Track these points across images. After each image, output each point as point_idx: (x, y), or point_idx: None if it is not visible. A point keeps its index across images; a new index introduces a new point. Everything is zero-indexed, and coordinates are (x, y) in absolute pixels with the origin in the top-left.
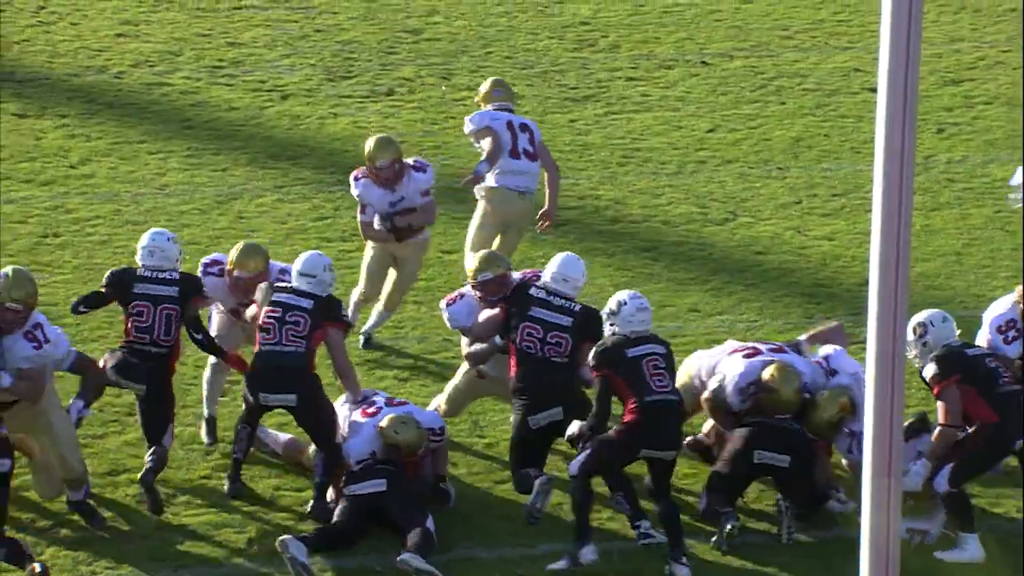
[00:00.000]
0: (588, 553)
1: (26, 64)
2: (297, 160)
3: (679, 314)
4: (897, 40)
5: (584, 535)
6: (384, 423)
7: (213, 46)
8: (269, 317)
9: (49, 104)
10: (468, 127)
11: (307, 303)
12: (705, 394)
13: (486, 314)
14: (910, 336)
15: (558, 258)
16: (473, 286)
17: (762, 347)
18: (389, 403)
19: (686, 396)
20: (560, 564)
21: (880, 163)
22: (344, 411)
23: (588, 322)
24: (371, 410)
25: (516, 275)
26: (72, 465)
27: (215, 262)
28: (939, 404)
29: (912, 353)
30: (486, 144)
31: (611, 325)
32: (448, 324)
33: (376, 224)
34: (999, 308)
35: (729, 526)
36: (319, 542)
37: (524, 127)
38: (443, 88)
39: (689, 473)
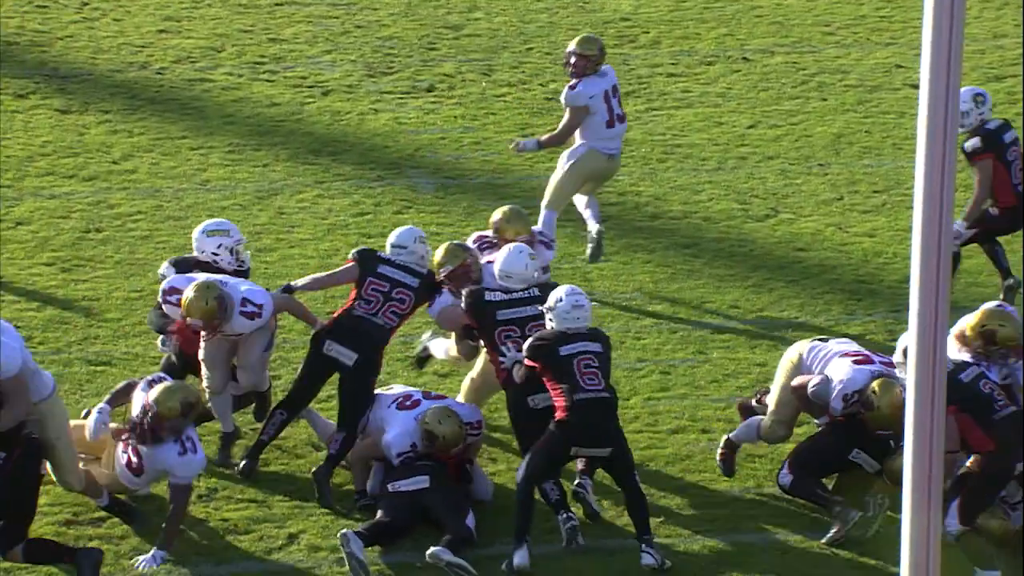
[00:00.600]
0: (520, 557)
1: (69, 60)
2: (337, 156)
3: (720, 311)
4: (939, 36)
5: (521, 538)
6: (427, 416)
7: (255, 42)
8: (375, 290)
9: (92, 100)
10: (569, 97)
11: (413, 281)
12: (808, 388)
13: (454, 313)
14: (899, 358)
15: (500, 256)
16: (439, 280)
17: (874, 357)
18: (427, 396)
19: (785, 379)
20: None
21: (922, 160)
22: (383, 405)
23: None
24: (409, 403)
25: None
26: (74, 486)
27: (174, 290)
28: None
29: (903, 374)
30: (566, 119)
31: (549, 320)
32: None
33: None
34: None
35: (853, 516)
36: (372, 538)
37: (615, 89)
38: (483, 84)
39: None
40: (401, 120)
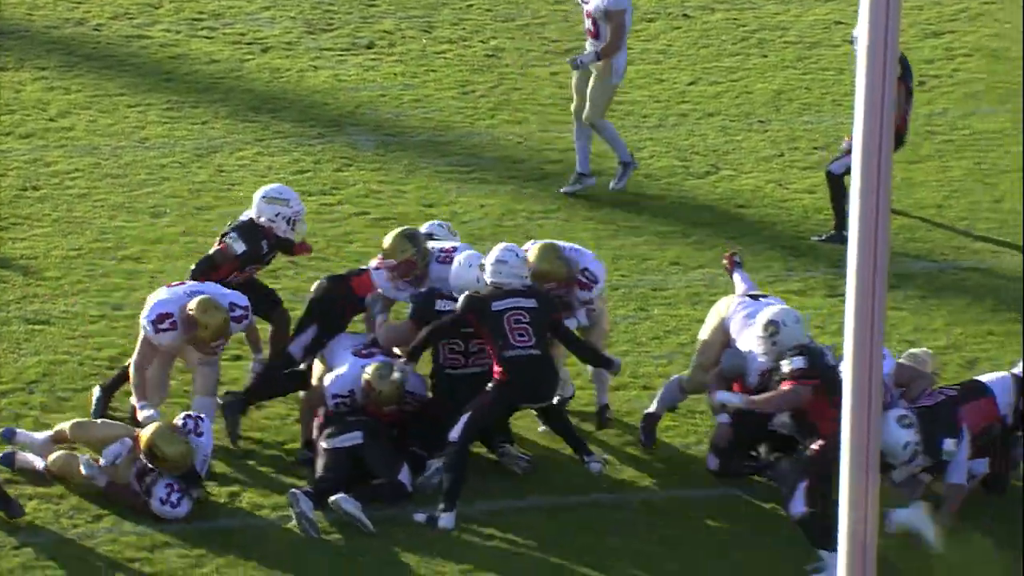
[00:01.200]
0: (447, 520)
1: (5, 16)
2: (277, 113)
3: (661, 267)
4: None
5: (451, 501)
6: (372, 368)
7: None
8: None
9: (28, 57)
10: (612, 3)
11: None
12: (721, 365)
13: (399, 328)
14: (760, 333)
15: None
16: (381, 266)
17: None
18: (387, 354)
19: (709, 349)
20: (419, 516)
21: (860, 116)
22: (343, 345)
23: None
24: (365, 352)
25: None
26: None
27: (164, 316)
28: (769, 395)
29: (760, 350)
30: (614, 26)
31: (485, 276)
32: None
33: None
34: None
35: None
36: (319, 497)
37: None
38: (424, 41)
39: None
40: (341, 77)
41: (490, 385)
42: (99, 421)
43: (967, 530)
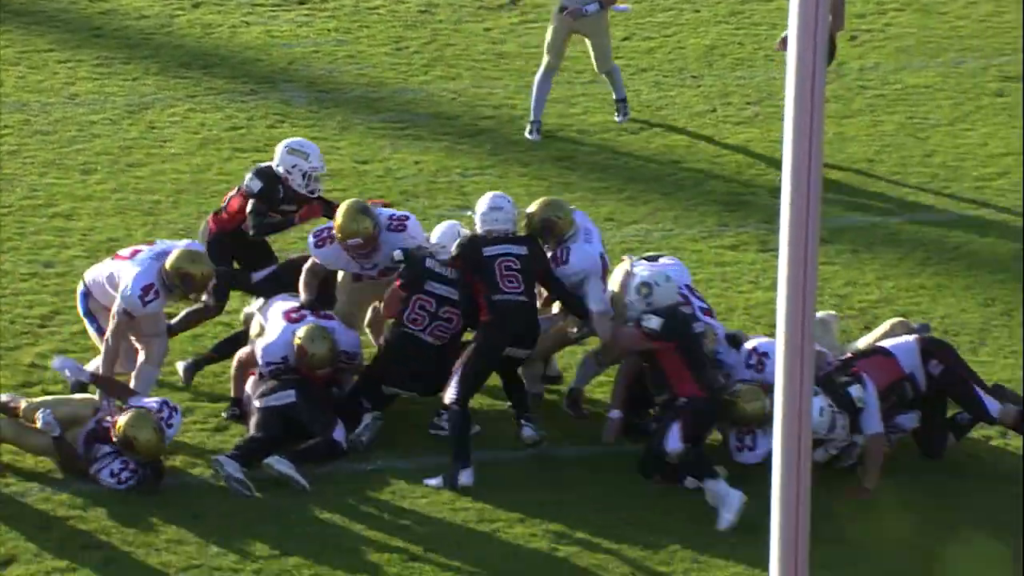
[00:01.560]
0: (465, 477)
1: None
2: (209, 69)
3: (595, 223)
4: None
5: (462, 459)
6: (302, 331)
7: None
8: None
9: None
10: None
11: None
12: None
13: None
14: (634, 295)
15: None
16: (347, 247)
17: (692, 299)
18: (316, 314)
19: (617, 287)
20: (435, 481)
21: (792, 71)
22: (278, 309)
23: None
24: (296, 316)
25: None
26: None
27: (149, 288)
28: (617, 334)
29: (638, 309)
30: None
31: (475, 225)
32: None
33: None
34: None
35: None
36: (246, 456)
37: None
38: None
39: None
40: (273, 33)
41: (477, 335)
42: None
43: (962, 527)
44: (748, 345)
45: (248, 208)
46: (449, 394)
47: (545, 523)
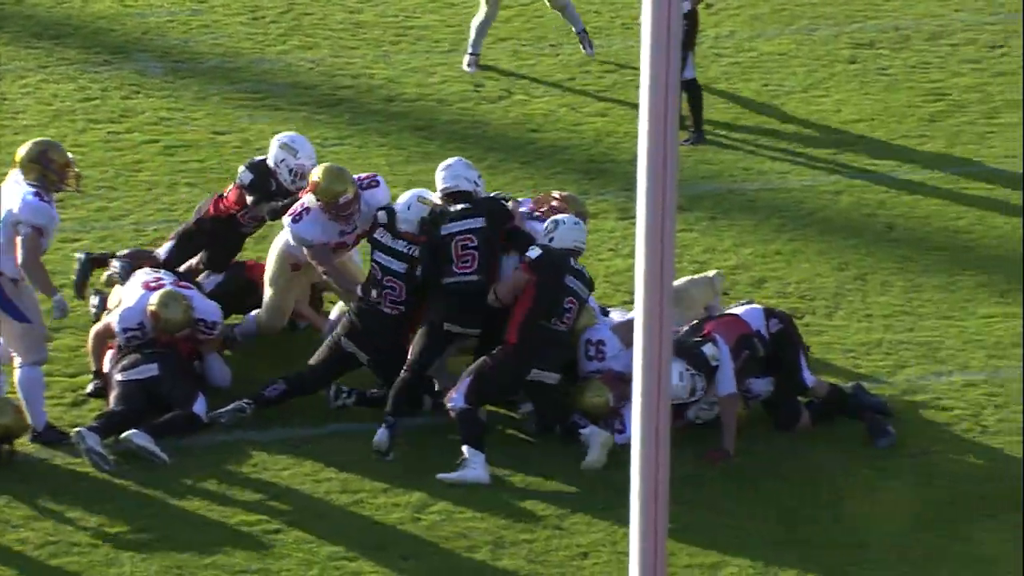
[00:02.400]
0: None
1: None
2: (61, 40)
3: None
4: None
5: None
6: (154, 298)
7: None
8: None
9: None
10: None
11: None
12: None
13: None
14: (543, 228)
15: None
16: (329, 208)
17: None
18: (178, 284)
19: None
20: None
21: (647, 39)
22: (138, 280)
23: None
24: (155, 284)
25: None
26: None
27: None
28: (507, 282)
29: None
30: None
31: (438, 185)
32: (292, 240)
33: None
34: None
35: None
36: (107, 430)
37: None
38: None
39: None
40: (127, 3)
41: (424, 319)
42: None
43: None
44: (583, 337)
45: (250, 201)
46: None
47: (409, 493)
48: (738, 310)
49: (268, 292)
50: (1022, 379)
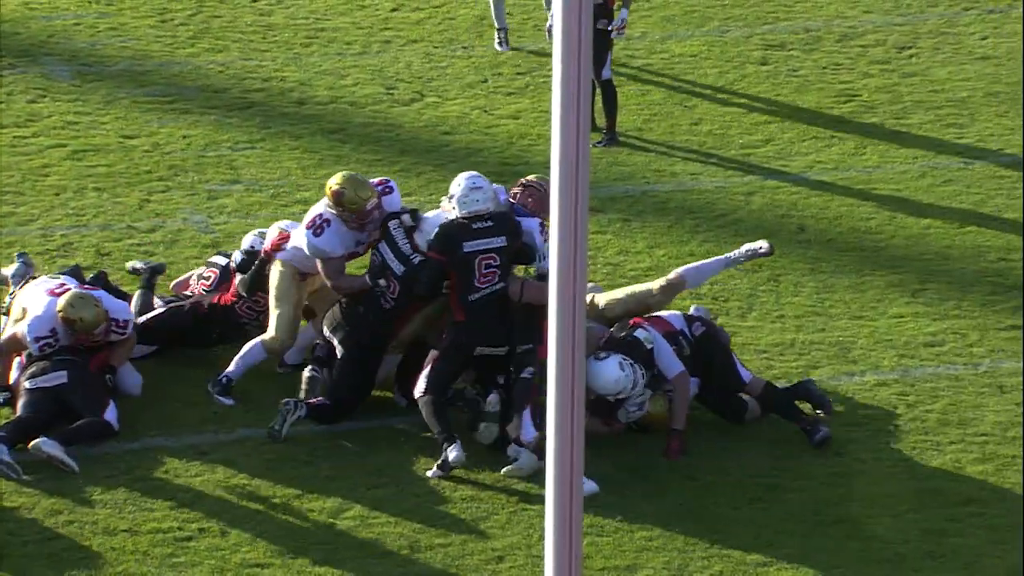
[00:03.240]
0: (454, 451)
1: None
2: None
3: None
4: None
5: (448, 438)
6: (62, 302)
7: None
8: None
9: None
10: None
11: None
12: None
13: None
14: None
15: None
16: (370, 216)
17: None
18: (80, 286)
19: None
20: (434, 473)
21: (558, 42)
22: (41, 289)
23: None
24: (60, 291)
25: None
26: None
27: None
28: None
29: (442, 207)
30: None
31: (453, 208)
32: (309, 252)
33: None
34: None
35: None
36: (14, 438)
37: None
38: None
39: None
40: (32, 5)
41: (448, 330)
42: None
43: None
44: None
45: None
46: (417, 389)
47: (323, 499)
48: (661, 313)
49: (277, 311)
50: (1022, 378)
